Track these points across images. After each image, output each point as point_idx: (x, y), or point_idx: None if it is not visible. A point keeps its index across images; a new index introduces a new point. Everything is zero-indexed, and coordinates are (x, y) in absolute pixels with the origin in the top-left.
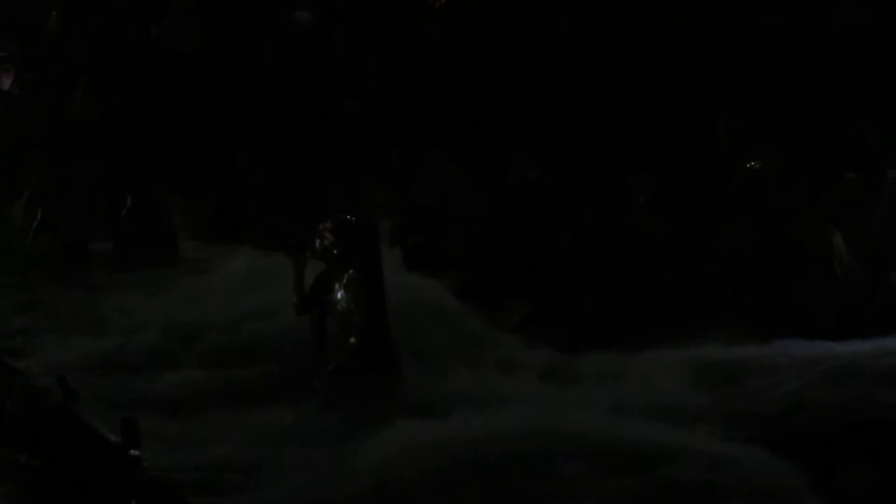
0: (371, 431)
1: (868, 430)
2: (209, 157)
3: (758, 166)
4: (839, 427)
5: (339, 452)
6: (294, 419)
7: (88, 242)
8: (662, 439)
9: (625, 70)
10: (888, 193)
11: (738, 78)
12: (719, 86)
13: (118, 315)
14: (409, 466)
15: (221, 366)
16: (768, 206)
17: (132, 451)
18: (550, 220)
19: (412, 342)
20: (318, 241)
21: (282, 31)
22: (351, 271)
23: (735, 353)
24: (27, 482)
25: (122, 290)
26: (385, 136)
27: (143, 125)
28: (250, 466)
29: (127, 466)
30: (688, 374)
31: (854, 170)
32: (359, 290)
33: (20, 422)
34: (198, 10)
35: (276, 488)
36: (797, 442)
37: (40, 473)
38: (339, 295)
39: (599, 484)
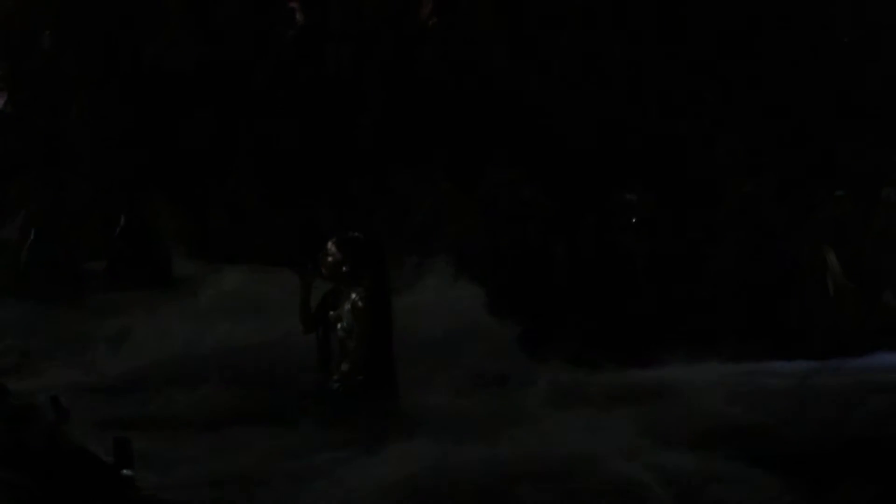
0: (372, 453)
1: (863, 448)
2: (203, 175)
3: (752, 187)
4: (833, 444)
5: (338, 474)
6: (292, 439)
7: (82, 262)
8: (656, 458)
9: (619, 89)
10: (882, 212)
11: (732, 97)
12: (713, 106)
13: (112, 335)
14: (410, 489)
15: (219, 385)
16: (761, 225)
17: (125, 471)
18: (545, 237)
19: (416, 360)
20: (324, 259)
21: (275, 49)
22: (358, 290)
23: (728, 371)
24: (18, 502)
25: (116, 310)
26: (380, 154)
27: (137, 144)
28: (246, 486)
29: (119, 486)
30: (681, 393)
31: (846, 188)
32: (365, 310)
33: (11, 441)
34: (193, 28)
35: None
36: (792, 459)
37: (32, 493)
38: (343, 314)
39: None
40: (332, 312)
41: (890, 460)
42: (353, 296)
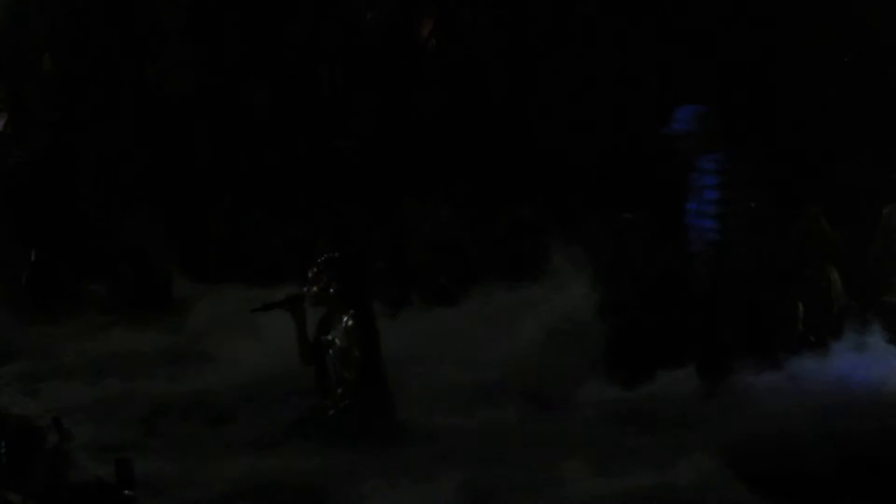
0: (394, 479)
1: (859, 467)
2: (202, 196)
3: (754, 205)
4: (831, 464)
5: (341, 499)
6: (295, 463)
7: (84, 283)
8: (653, 476)
9: (616, 108)
10: (882, 230)
11: (731, 116)
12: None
13: (113, 357)
14: None
15: (220, 407)
16: (763, 241)
17: (126, 492)
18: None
19: (423, 381)
20: (314, 287)
21: (272, 71)
22: (349, 312)
23: (725, 386)
24: None
25: (116, 331)
26: (377, 176)
27: (138, 165)
28: None
29: None
30: (675, 409)
31: (847, 206)
32: (357, 326)
33: (15, 463)
34: (193, 51)
35: None
36: (788, 479)
37: None
38: (338, 337)
39: None
40: (324, 337)
41: (889, 479)
42: (345, 318)
